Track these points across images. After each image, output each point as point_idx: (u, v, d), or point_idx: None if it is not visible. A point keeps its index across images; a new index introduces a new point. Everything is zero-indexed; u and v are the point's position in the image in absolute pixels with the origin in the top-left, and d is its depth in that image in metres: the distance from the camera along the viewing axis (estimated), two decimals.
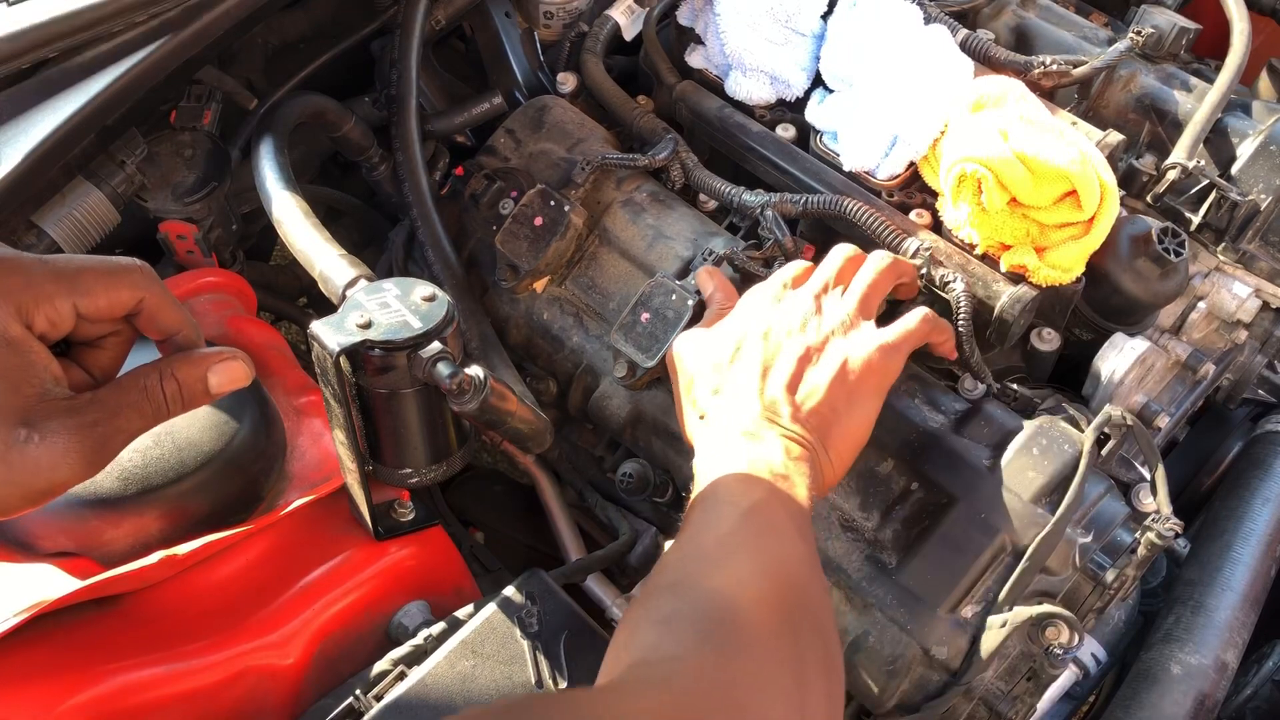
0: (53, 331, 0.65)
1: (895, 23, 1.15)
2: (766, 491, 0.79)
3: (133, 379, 0.67)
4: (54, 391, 0.64)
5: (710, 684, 0.64)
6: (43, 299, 0.64)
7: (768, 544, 0.76)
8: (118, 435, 0.65)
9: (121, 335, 0.70)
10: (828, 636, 0.76)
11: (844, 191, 1.13)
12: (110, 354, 0.70)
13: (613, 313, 1.13)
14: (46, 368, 0.64)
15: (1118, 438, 0.95)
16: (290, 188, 1.09)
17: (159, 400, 0.67)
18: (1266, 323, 1.20)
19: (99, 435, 0.64)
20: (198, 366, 0.69)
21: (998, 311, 1.04)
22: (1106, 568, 0.92)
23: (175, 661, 0.89)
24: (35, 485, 0.62)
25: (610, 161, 1.17)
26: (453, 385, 0.83)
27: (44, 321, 0.64)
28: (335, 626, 0.96)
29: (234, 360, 0.70)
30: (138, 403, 0.66)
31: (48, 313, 0.64)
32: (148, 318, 0.69)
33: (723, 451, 0.84)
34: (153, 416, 0.67)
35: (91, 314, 0.67)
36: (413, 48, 1.24)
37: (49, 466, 0.62)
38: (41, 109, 1.00)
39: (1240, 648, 1.02)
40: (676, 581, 0.75)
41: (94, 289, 0.66)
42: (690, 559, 0.77)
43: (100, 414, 0.64)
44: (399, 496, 1.03)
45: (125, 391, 0.66)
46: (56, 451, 0.62)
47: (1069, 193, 1.02)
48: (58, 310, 0.64)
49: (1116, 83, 1.27)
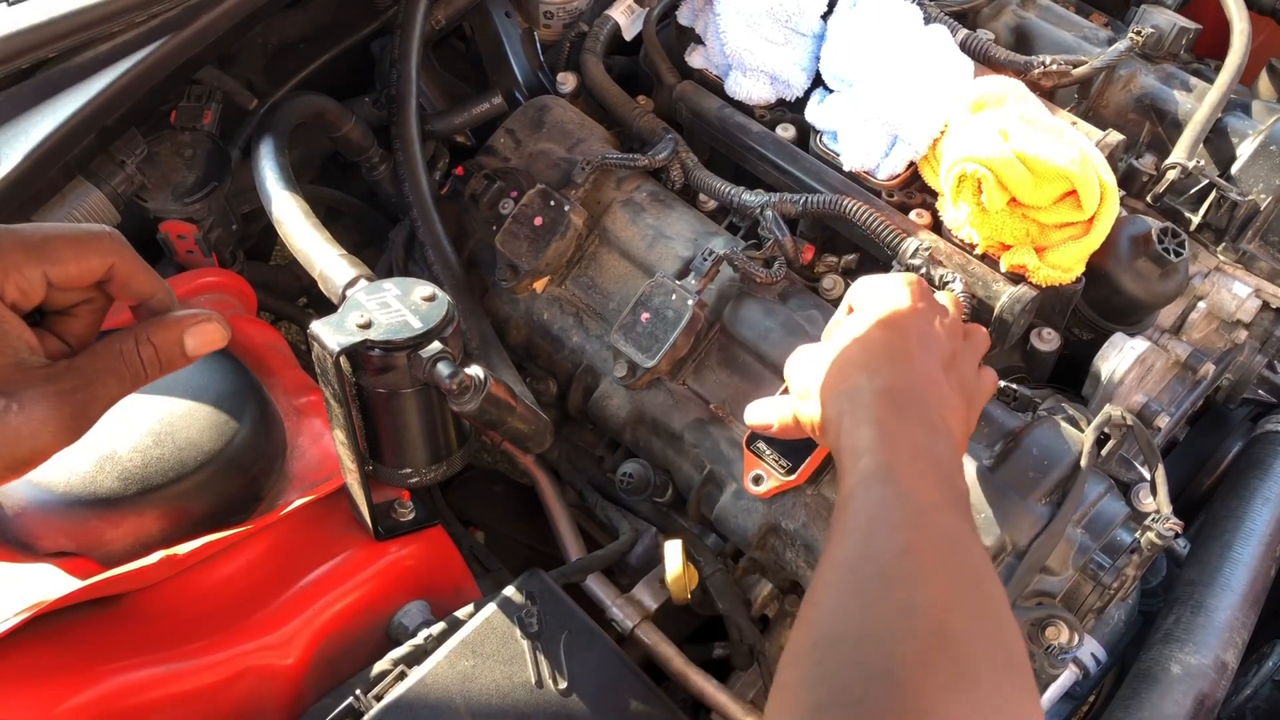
0: (24, 301, 0.65)
1: (895, 23, 1.15)
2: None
3: (108, 345, 0.67)
4: (29, 360, 0.63)
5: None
6: (11, 268, 0.63)
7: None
8: (96, 402, 0.65)
9: (95, 303, 0.70)
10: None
11: (844, 191, 1.13)
12: (84, 321, 0.70)
13: (613, 313, 1.13)
14: (20, 336, 0.63)
15: (1118, 438, 0.95)
16: (290, 188, 1.09)
17: (136, 365, 0.67)
18: (1266, 323, 1.20)
19: (78, 402, 0.63)
20: (173, 330, 0.68)
21: (998, 311, 1.04)
22: (1106, 568, 0.92)
23: (175, 661, 0.89)
24: (17, 454, 0.62)
25: (610, 161, 1.17)
26: (453, 385, 0.83)
27: (14, 291, 0.64)
28: (335, 626, 0.96)
29: (209, 322, 0.69)
30: (115, 368, 0.66)
31: (17, 281, 0.63)
32: (119, 284, 0.68)
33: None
34: (130, 382, 0.67)
35: (62, 281, 0.66)
36: (413, 48, 1.24)
37: (29, 435, 0.62)
38: (41, 109, 1.00)
39: (1240, 648, 1.02)
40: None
41: (63, 256, 0.65)
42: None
43: (78, 381, 0.64)
44: (399, 496, 1.03)
45: (101, 357, 0.66)
46: (35, 420, 0.62)
47: (1069, 193, 1.02)
48: (27, 279, 0.64)
49: (1116, 83, 1.27)
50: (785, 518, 0.99)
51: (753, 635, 1.06)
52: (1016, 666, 0.64)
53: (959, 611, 0.65)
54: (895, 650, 0.61)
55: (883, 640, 0.62)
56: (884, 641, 0.62)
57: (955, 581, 0.67)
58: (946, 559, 0.69)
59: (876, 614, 0.65)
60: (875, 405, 0.79)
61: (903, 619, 0.64)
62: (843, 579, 0.69)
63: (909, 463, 0.74)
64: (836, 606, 0.67)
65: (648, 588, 1.06)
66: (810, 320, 1.07)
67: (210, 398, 1.01)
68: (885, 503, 0.72)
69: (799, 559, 0.99)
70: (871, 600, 0.66)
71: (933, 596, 0.65)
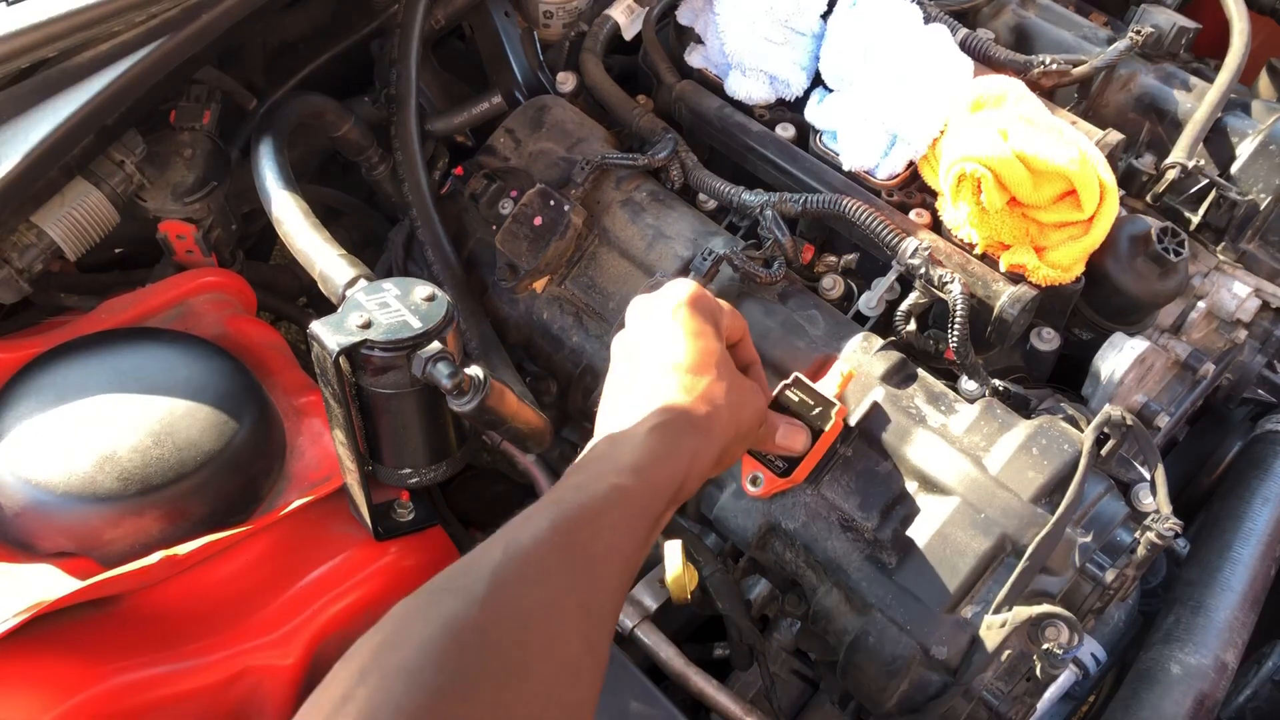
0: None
1: (895, 22, 1.15)
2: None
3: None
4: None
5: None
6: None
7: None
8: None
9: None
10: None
11: (844, 191, 1.13)
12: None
13: (613, 312, 1.13)
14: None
15: (1117, 438, 0.95)
16: (290, 188, 1.09)
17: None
18: (1266, 323, 1.20)
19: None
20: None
21: (997, 311, 1.04)
22: (1106, 568, 0.92)
23: (175, 661, 0.89)
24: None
25: (610, 161, 1.16)
26: (452, 385, 0.83)
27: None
28: (335, 626, 0.96)
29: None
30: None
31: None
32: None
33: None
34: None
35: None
36: (413, 47, 1.24)
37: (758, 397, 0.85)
38: (41, 109, 1.00)
39: (1240, 648, 1.02)
40: None
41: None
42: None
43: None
44: (399, 496, 1.03)
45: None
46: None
47: (1068, 192, 1.02)
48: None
49: (1116, 82, 1.27)
50: (785, 517, 0.99)
51: (752, 635, 1.06)
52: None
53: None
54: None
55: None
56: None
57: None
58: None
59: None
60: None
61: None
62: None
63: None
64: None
65: (648, 588, 1.06)
66: (810, 320, 1.07)
67: (210, 398, 1.01)
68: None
69: (799, 559, 0.99)
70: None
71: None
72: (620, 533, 0.68)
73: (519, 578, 0.61)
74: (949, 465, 0.94)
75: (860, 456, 0.98)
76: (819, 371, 1.01)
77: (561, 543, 0.64)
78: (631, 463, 0.71)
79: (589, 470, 0.72)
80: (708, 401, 0.78)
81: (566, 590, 0.63)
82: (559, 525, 0.65)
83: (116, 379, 1.01)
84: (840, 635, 0.95)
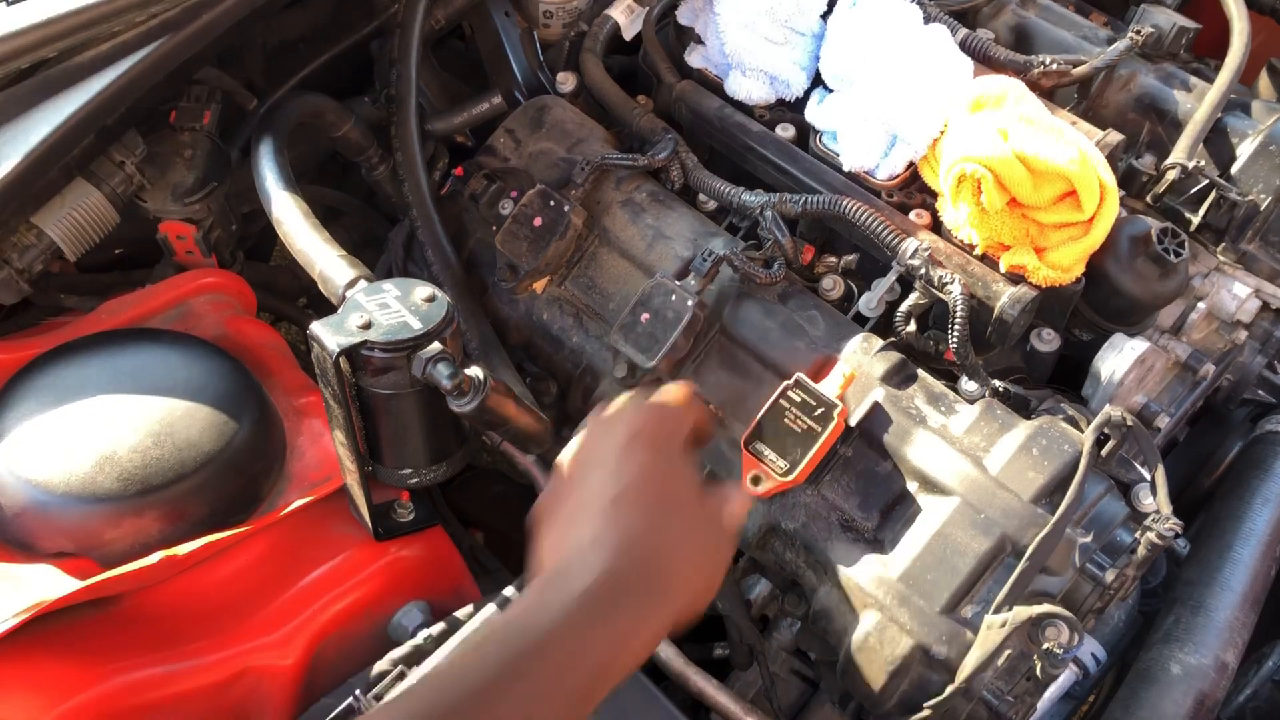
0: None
1: (895, 22, 1.15)
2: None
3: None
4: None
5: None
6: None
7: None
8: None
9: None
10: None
11: (844, 191, 1.13)
12: None
13: (613, 313, 1.13)
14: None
15: (1118, 438, 0.95)
16: (290, 188, 1.09)
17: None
18: (1266, 323, 1.20)
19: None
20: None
21: (997, 312, 1.04)
22: (1106, 568, 0.92)
23: (175, 661, 0.89)
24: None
25: (610, 161, 1.16)
26: (452, 386, 0.83)
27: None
28: (335, 626, 0.96)
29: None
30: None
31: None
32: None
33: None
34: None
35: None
36: (413, 48, 1.24)
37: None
38: (41, 109, 1.00)
39: (1240, 648, 1.02)
40: None
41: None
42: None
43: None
44: (399, 496, 1.03)
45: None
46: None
47: (1069, 193, 1.02)
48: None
49: (1116, 82, 1.27)
50: (785, 518, 0.99)
51: (752, 635, 1.06)
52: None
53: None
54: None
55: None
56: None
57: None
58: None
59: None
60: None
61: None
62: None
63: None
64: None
65: None
66: (810, 321, 1.07)
67: (210, 398, 1.01)
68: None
69: (799, 559, 0.99)
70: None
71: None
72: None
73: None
74: (949, 466, 0.94)
75: (860, 457, 0.98)
76: (819, 372, 1.01)
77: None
78: (542, 642, 0.64)
79: (500, 635, 0.65)
80: (656, 566, 0.69)
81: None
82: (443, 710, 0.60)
83: (116, 379, 1.01)
84: (840, 635, 0.95)
